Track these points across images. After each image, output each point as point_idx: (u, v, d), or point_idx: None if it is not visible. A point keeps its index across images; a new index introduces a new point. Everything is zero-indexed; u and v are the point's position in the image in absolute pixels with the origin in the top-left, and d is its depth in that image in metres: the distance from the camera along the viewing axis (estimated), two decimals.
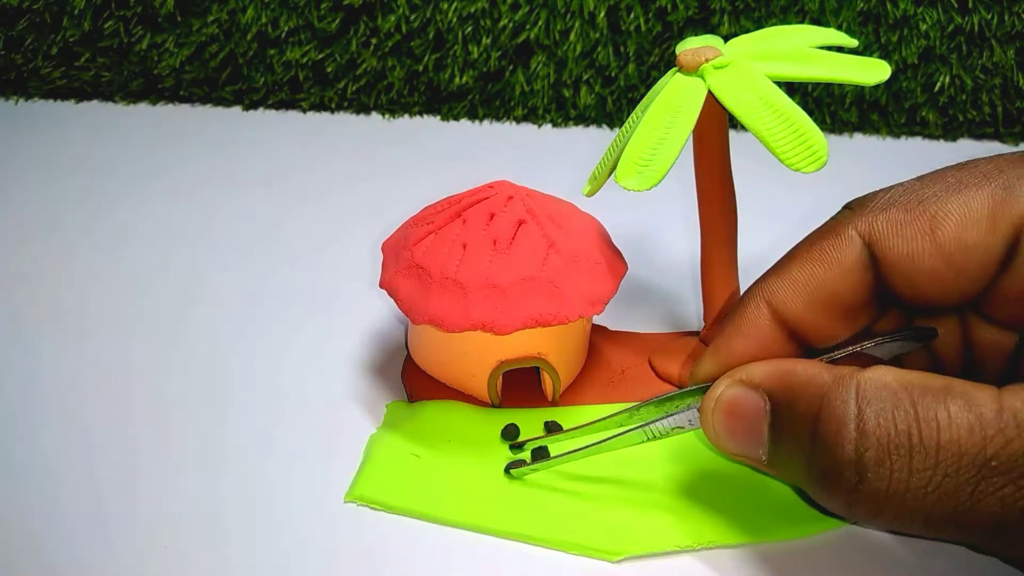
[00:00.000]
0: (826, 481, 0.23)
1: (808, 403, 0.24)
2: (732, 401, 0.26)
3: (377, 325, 0.39)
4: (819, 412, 0.23)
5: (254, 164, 0.54)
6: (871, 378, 0.23)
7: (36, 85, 0.62)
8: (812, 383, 0.24)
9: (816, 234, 0.28)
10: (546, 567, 0.28)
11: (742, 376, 0.26)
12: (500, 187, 0.33)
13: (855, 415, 0.22)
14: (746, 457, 0.26)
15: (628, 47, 0.57)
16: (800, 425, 0.24)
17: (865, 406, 0.22)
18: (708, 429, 0.27)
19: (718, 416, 0.26)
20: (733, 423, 0.26)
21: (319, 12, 0.57)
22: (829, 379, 0.23)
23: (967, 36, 0.55)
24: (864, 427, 0.22)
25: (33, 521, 0.30)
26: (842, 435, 0.23)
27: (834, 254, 0.27)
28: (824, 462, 0.23)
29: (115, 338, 0.39)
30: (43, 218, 0.48)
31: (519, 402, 0.34)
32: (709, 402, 0.26)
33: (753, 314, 0.27)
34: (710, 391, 0.27)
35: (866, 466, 0.22)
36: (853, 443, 0.22)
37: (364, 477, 0.31)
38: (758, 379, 0.26)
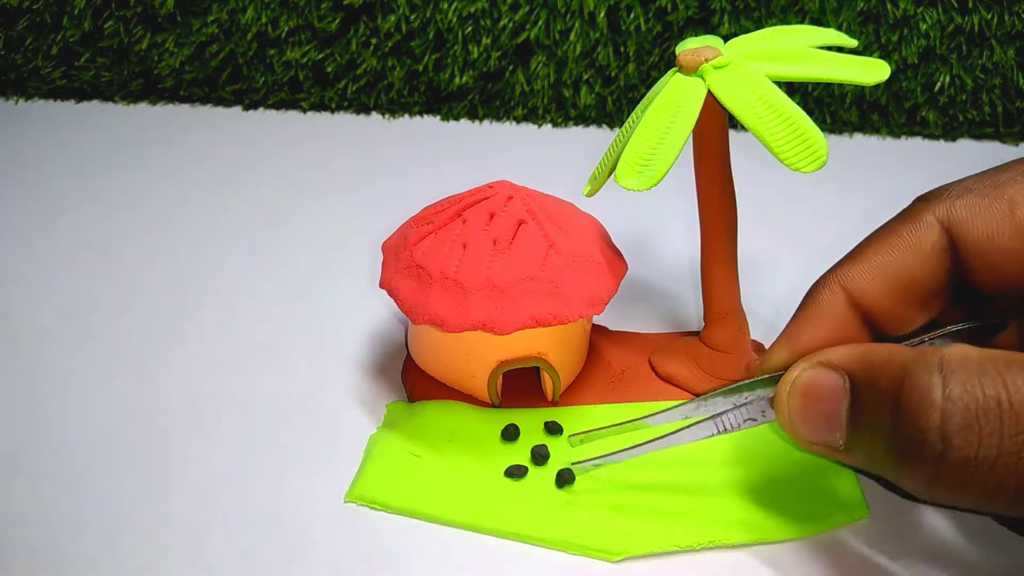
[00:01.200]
0: (909, 454, 0.22)
1: (890, 379, 0.23)
2: (810, 382, 0.25)
3: (377, 325, 0.39)
4: (902, 383, 0.23)
5: (254, 164, 0.54)
6: (954, 352, 0.22)
7: (36, 85, 0.62)
8: (894, 359, 0.23)
9: (893, 222, 0.28)
10: (546, 567, 0.28)
11: (819, 359, 0.25)
12: (500, 187, 0.33)
13: (939, 383, 0.22)
14: (822, 444, 0.25)
15: (628, 47, 0.57)
16: (882, 400, 0.23)
17: (950, 375, 0.22)
18: (783, 415, 0.26)
19: (794, 400, 0.26)
20: (810, 406, 0.25)
21: (319, 12, 0.57)
22: (911, 355, 0.23)
23: (967, 36, 0.55)
24: (949, 394, 0.22)
25: (34, 519, 0.30)
26: (927, 402, 0.22)
27: (913, 239, 0.27)
28: (907, 432, 0.22)
29: (115, 338, 0.39)
30: (44, 218, 0.48)
31: (519, 402, 0.34)
32: (785, 385, 0.26)
33: (829, 300, 0.27)
34: (786, 375, 0.26)
35: (952, 432, 0.21)
36: (939, 409, 0.22)
37: (364, 477, 0.31)
38: (837, 359, 0.25)
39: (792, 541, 0.29)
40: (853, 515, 0.30)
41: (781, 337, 0.28)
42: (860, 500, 0.30)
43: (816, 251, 0.45)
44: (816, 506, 0.30)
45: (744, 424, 0.27)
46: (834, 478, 0.31)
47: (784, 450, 0.32)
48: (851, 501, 0.30)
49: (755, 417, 0.27)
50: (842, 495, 0.30)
